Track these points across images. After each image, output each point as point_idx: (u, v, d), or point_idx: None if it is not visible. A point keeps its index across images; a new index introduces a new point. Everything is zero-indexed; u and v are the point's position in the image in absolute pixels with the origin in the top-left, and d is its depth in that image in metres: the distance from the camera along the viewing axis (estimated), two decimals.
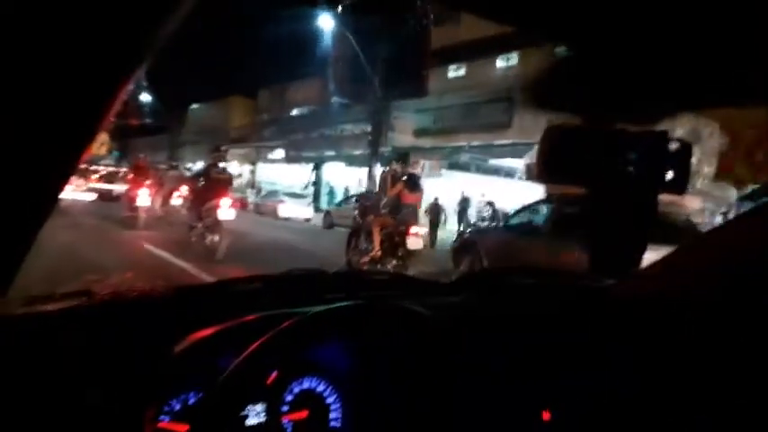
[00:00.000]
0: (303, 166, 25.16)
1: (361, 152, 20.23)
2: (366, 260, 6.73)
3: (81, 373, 0.68)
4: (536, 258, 6.13)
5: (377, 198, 7.25)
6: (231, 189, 8.13)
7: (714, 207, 6.23)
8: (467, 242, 8.20)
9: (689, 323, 0.82)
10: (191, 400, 0.75)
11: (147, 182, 10.97)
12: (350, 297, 0.85)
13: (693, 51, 0.55)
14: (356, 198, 10.38)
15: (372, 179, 13.78)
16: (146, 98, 30.71)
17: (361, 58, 17.62)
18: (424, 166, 7.17)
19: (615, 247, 0.84)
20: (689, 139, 0.79)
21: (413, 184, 6.73)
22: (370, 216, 7.01)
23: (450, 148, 18.19)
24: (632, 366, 0.86)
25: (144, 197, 10.43)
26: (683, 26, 0.50)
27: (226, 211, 7.44)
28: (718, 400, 0.77)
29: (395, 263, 6.62)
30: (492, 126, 15.93)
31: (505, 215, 8.89)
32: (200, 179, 8.15)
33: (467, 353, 0.79)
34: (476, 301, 1.07)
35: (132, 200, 10.59)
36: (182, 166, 19.36)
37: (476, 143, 17.14)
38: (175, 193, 12.12)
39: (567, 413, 0.83)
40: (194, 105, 38.13)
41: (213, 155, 8.24)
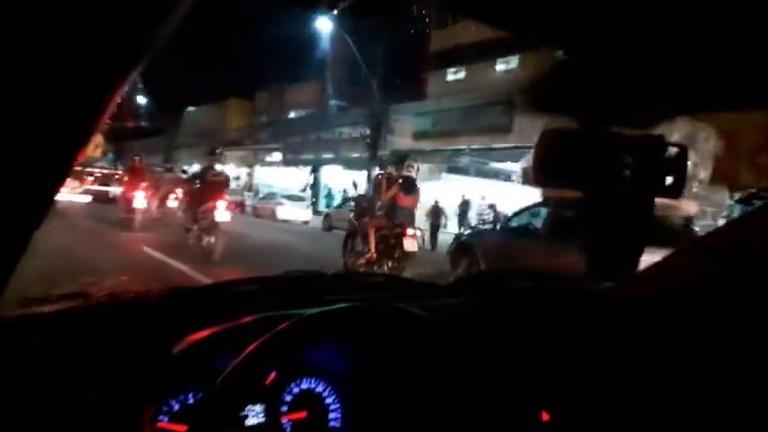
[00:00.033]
0: (301, 168, 25.06)
1: (360, 155, 20.17)
2: (362, 262, 6.78)
3: (78, 375, 0.68)
4: (533, 261, 6.14)
5: (372, 201, 7.27)
6: (227, 191, 8.14)
7: (711, 210, 6.26)
8: (464, 245, 8.20)
9: (688, 325, 0.83)
10: (189, 401, 0.75)
11: (143, 184, 10.94)
12: (348, 299, 0.85)
13: (690, 56, 0.56)
14: (352, 200, 10.38)
15: (371, 182, 13.80)
16: (142, 100, 30.68)
17: (359, 60, 17.62)
18: (418, 169, 7.15)
19: (613, 250, 0.84)
20: (685, 143, 0.79)
21: (408, 186, 6.79)
22: (366, 218, 7.06)
23: (450, 151, 18.08)
24: (631, 367, 0.86)
25: (140, 199, 10.41)
26: (679, 31, 0.51)
27: (222, 213, 7.45)
28: (718, 400, 0.77)
29: (390, 264, 6.65)
30: (492, 129, 15.86)
31: (506, 218, 8.89)
32: (196, 181, 8.15)
33: (465, 353, 0.79)
34: (474, 303, 1.07)
35: (129, 202, 10.58)
36: (177, 168, 19.25)
37: (476, 146, 17.05)
38: (171, 196, 12.10)
39: (567, 414, 0.83)
40: (191, 108, 38.02)
41: (209, 157, 8.24)
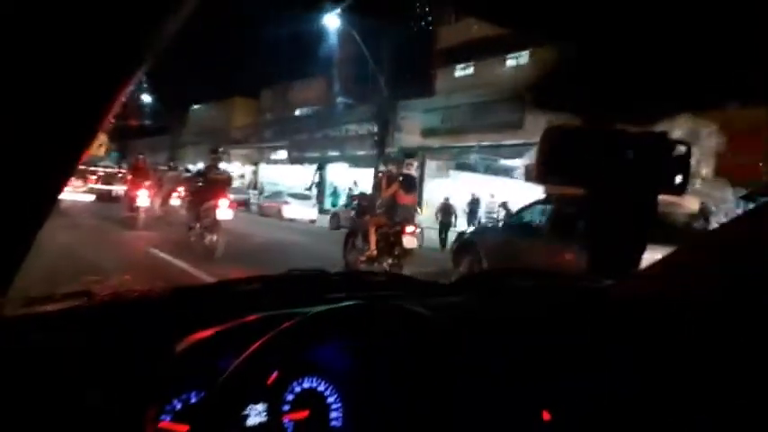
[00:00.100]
0: (306, 166, 24.87)
1: (366, 152, 19.94)
2: (363, 259, 6.85)
3: (81, 374, 0.68)
4: (535, 258, 6.13)
5: (373, 198, 7.30)
6: (230, 190, 8.16)
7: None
8: (466, 242, 8.19)
9: (688, 323, 0.82)
10: (192, 400, 0.75)
11: (147, 183, 10.98)
12: (350, 297, 0.85)
13: (693, 53, 0.55)
14: (352, 198, 10.39)
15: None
16: (146, 99, 30.71)
17: (366, 57, 17.47)
18: (418, 167, 7.19)
19: (615, 248, 0.84)
20: (688, 139, 0.79)
21: (408, 184, 6.86)
22: (367, 216, 7.15)
23: (459, 148, 17.81)
24: (632, 367, 0.86)
25: (143, 198, 10.45)
26: (682, 28, 0.50)
27: (224, 211, 7.48)
28: (718, 400, 0.77)
29: (391, 261, 6.72)
30: (503, 126, 15.45)
31: (509, 215, 8.86)
32: (198, 180, 8.18)
33: (467, 354, 0.79)
34: (476, 302, 1.07)
35: (132, 200, 10.61)
36: (181, 166, 19.27)
37: (486, 143, 16.68)
38: (174, 194, 12.12)
39: (567, 414, 0.83)
40: (195, 106, 37.82)
41: (212, 156, 8.28)
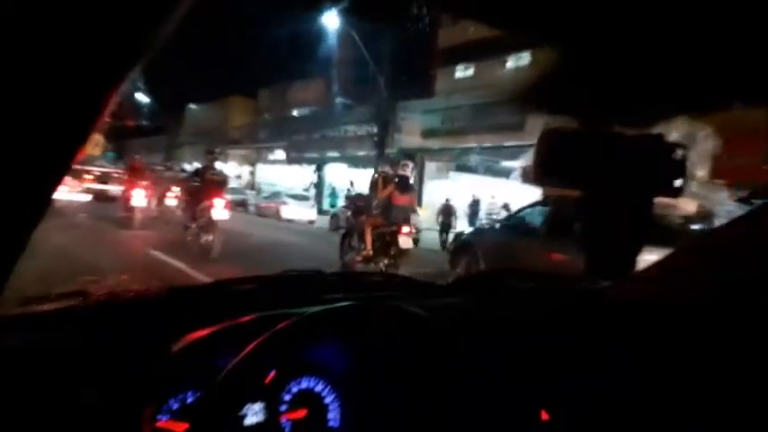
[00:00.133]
0: (304, 167, 24.74)
1: (366, 153, 19.75)
2: (359, 259, 6.90)
3: (77, 374, 0.68)
4: (533, 260, 6.13)
5: (369, 199, 7.39)
6: (227, 190, 8.16)
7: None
8: (464, 243, 8.19)
9: (686, 325, 0.83)
10: (189, 400, 0.75)
11: (143, 183, 10.96)
12: (346, 298, 0.85)
13: (690, 55, 0.56)
14: (347, 199, 10.43)
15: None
16: (143, 99, 30.50)
17: (366, 57, 17.34)
18: (417, 168, 7.22)
19: (612, 250, 0.84)
20: (684, 142, 0.79)
21: (403, 185, 6.92)
22: (363, 217, 7.19)
23: (460, 150, 17.64)
24: (630, 369, 0.86)
25: (140, 197, 10.43)
26: (679, 30, 0.51)
27: (220, 211, 7.50)
28: (716, 401, 0.77)
29: (386, 261, 6.78)
30: (504, 127, 15.21)
31: (506, 216, 8.87)
32: (194, 180, 8.18)
33: (464, 354, 0.79)
34: (473, 303, 1.07)
35: (128, 200, 10.59)
36: (178, 167, 19.20)
37: (487, 145, 16.51)
38: (170, 194, 12.10)
39: (565, 415, 0.83)
40: (192, 106, 37.57)
41: (208, 156, 8.30)
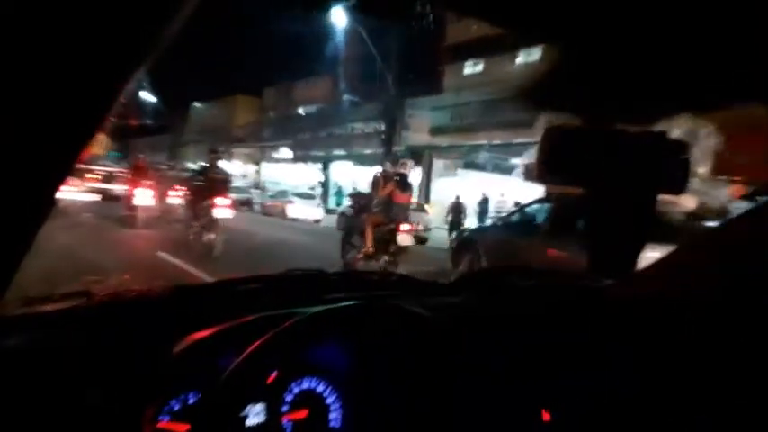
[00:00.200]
0: (310, 165, 24.61)
1: (373, 151, 19.56)
2: (360, 256, 6.99)
3: (80, 374, 0.68)
4: (535, 257, 6.13)
5: (370, 197, 7.46)
6: (229, 189, 8.19)
7: (710, 205, 6.28)
8: (466, 241, 8.18)
9: (689, 322, 0.82)
10: (190, 400, 0.75)
11: (147, 182, 10.99)
12: (349, 297, 0.85)
13: (693, 53, 0.55)
14: (349, 197, 10.47)
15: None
16: (147, 98, 30.50)
17: (373, 54, 17.14)
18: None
19: (614, 248, 0.84)
20: (686, 139, 0.79)
21: (403, 184, 7.01)
22: (363, 215, 7.28)
23: (469, 147, 17.42)
24: (632, 366, 0.86)
25: (143, 197, 10.47)
26: (682, 28, 0.50)
27: (222, 210, 7.52)
28: (718, 400, 0.77)
29: (387, 258, 6.87)
30: (514, 124, 14.66)
31: (509, 213, 8.85)
32: (197, 179, 8.20)
33: (466, 353, 0.79)
34: (475, 302, 1.07)
35: (131, 199, 10.63)
36: (181, 165, 19.21)
37: (496, 142, 16.20)
38: (173, 193, 12.12)
39: (567, 413, 0.83)
40: (197, 104, 37.59)
41: (211, 155, 8.31)
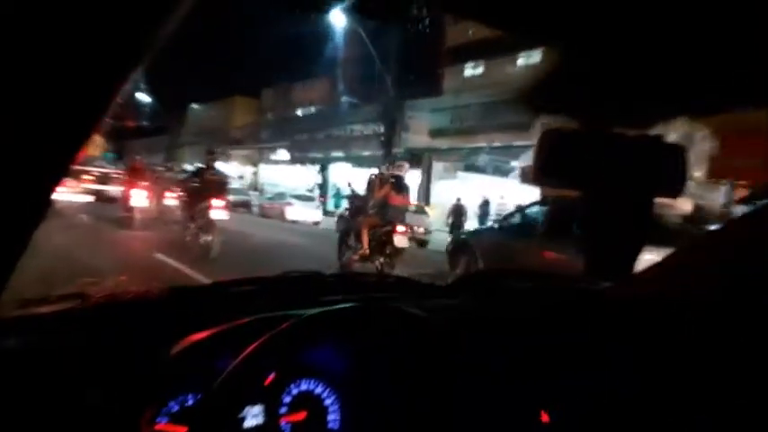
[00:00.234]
0: (308, 167, 24.47)
1: (372, 153, 19.47)
2: (356, 258, 7.07)
3: (77, 376, 0.68)
4: (531, 260, 6.14)
5: (365, 199, 7.51)
6: (227, 190, 8.19)
7: (705, 208, 6.32)
8: (462, 243, 8.19)
9: (687, 325, 0.83)
10: (188, 402, 0.74)
11: (143, 183, 10.98)
12: (346, 299, 0.85)
13: (691, 57, 0.56)
14: (346, 199, 10.50)
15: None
16: (144, 98, 30.40)
17: (372, 55, 17.03)
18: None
19: (612, 250, 0.84)
20: (683, 142, 0.80)
21: (399, 185, 7.09)
22: (360, 217, 7.34)
23: (469, 149, 17.37)
24: (631, 367, 0.86)
25: (139, 198, 10.46)
26: (680, 32, 0.51)
27: (218, 211, 7.52)
28: (718, 400, 0.77)
29: (382, 260, 6.95)
30: (514, 126, 14.39)
31: (505, 216, 8.86)
32: (194, 180, 8.20)
33: (465, 354, 0.79)
34: (473, 304, 1.07)
35: (128, 200, 10.62)
36: (178, 167, 19.14)
37: (497, 144, 16.13)
38: (170, 194, 12.11)
39: (566, 414, 0.83)
40: (194, 105, 37.42)
41: (207, 156, 8.31)
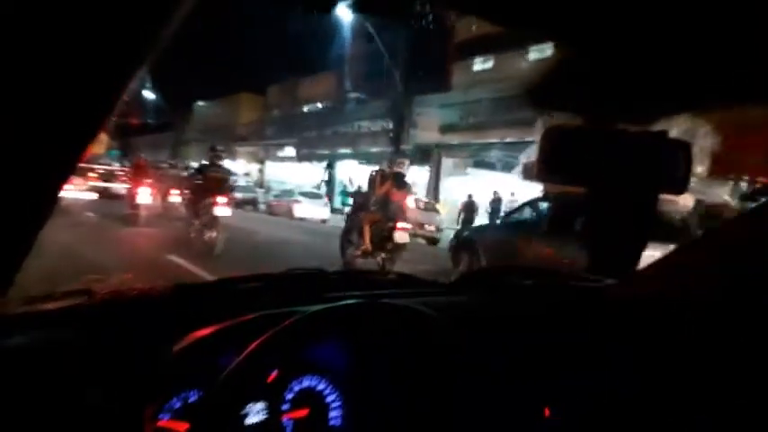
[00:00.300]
0: (315, 164, 24.19)
1: (380, 150, 19.11)
2: (358, 253, 7.10)
3: (81, 372, 0.68)
4: (534, 257, 6.13)
5: (367, 196, 7.56)
6: (229, 187, 8.22)
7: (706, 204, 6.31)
8: (465, 240, 8.18)
9: (688, 323, 0.83)
10: (191, 399, 0.75)
11: (148, 180, 11.04)
12: (349, 296, 0.85)
13: (693, 52, 0.55)
14: (349, 196, 10.51)
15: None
16: (149, 96, 30.39)
17: (380, 51, 16.75)
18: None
19: (615, 247, 0.84)
20: (685, 138, 0.79)
21: (400, 182, 7.12)
22: (361, 213, 7.37)
23: (479, 145, 17.12)
24: (632, 366, 0.86)
25: (144, 195, 10.53)
26: (682, 28, 0.50)
27: (222, 208, 7.57)
28: (718, 399, 0.77)
29: (384, 256, 7.00)
30: (526, 122, 13.58)
31: (507, 212, 8.87)
32: (198, 177, 8.22)
33: (467, 352, 0.79)
34: (476, 301, 1.07)
35: (134, 198, 10.68)
36: (182, 164, 19.11)
37: (509, 140, 15.65)
38: (174, 191, 12.15)
39: (568, 412, 0.83)
40: (200, 102, 37.25)
41: (211, 153, 8.33)
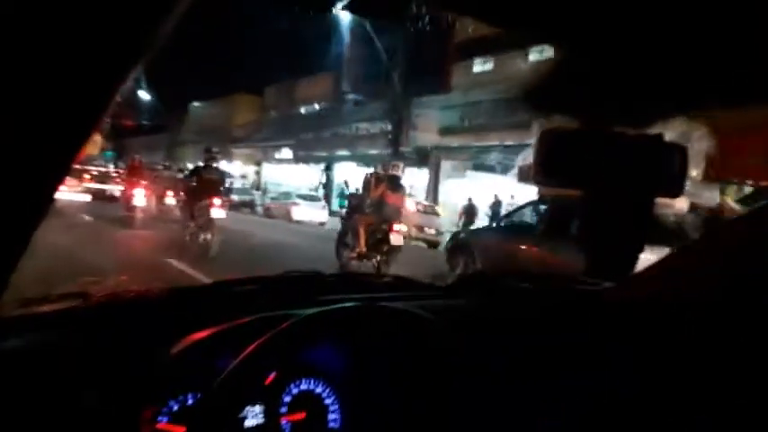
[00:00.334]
0: (312, 166, 24.10)
1: (379, 152, 19.01)
2: (353, 256, 7.15)
3: (77, 375, 0.68)
4: (531, 259, 6.14)
5: (362, 198, 7.62)
6: (224, 189, 8.23)
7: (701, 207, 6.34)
8: (461, 243, 8.19)
9: (686, 325, 0.83)
10: (188, 402, 0.74)
11: (143, 182, 11.02)
12: (346, 299, 0.85)
13: (690, 55, 0.56)
14: (344, 198, 10.54)
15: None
16: (144, 96, 30.22)
17: (379, 52, 16.72)
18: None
19: (612, 250, 0.84)
20: (680, 141, 0.80)
21: (394, 185, 7.18)
22: (356, 215, 7.44)
23: (478, 148, 17.06)
24: (631, 367, 0.86)
25: (140, 197, 10.51)
26: (679, 29, 0.51)
27: (217, 210, 7.58)
28: (718, 400, 0.78)
29: (379, 258, 7.05)
30: (526, 124, 13.49)
31: (504, 215, 8.88)
32: (193, 179, 8.22)
33: (464, 355, 0.79)
34: (472, 304, 1.07)
35: (129, 200, 10.66)
36: (177, 166, 19.05)
37: (509, 143, 15.44)
38: (169, 193, 12.12)
39: (566, 415, 0.84)
40: (196, 103, 36.92)
41: (206, 155, 8.32)
